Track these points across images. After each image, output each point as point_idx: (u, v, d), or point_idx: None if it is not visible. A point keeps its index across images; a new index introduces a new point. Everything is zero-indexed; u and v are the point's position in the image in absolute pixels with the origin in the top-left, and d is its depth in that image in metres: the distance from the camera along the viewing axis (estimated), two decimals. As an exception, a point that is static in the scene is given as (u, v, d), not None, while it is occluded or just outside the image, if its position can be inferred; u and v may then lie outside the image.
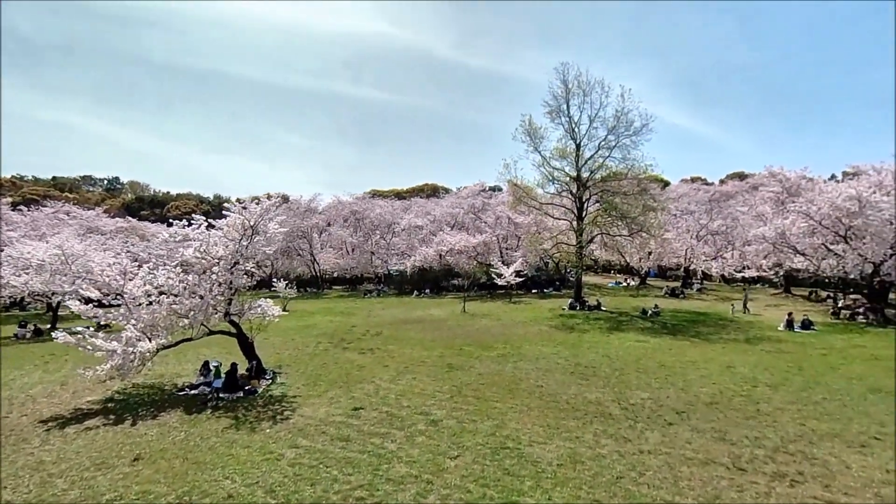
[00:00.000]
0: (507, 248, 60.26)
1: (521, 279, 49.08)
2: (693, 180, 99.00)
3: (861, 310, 32.87)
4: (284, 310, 41.27)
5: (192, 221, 19.02)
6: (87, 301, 18.28)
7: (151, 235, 61.24)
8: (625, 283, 61.33)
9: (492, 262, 51.57)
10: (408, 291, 57.58)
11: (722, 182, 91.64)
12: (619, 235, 40.99)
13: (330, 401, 15.75)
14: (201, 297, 17.61)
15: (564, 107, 38.95)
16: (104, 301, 18.40)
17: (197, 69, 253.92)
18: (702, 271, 54.89)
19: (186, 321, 17.39)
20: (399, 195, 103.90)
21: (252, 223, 18.84)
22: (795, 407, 14.37)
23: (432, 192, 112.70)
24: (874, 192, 30.98)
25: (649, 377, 18.06)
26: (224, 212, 19.45)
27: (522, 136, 40.48)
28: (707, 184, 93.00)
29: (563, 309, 38.48)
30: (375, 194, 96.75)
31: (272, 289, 47.34)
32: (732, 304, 37.28)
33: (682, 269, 59.09)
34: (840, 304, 36.77)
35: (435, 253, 57.41)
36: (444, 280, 58.04)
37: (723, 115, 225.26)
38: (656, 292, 50.78)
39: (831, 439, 11.76)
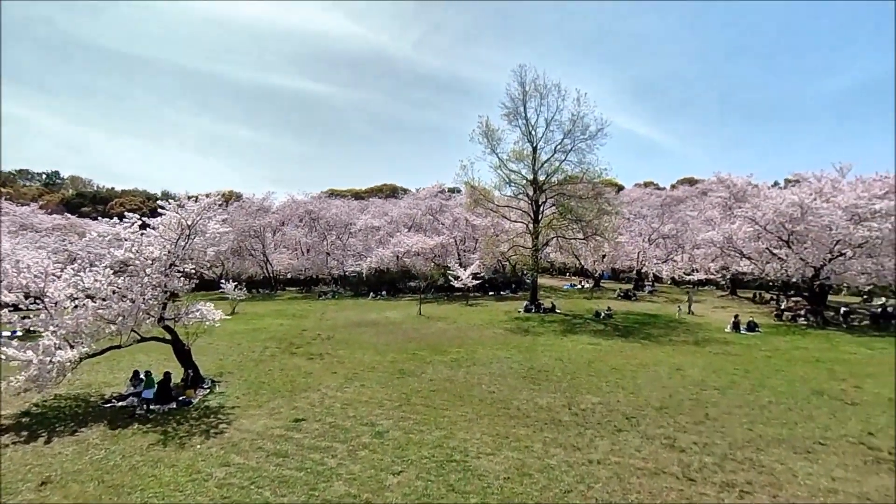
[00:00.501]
0: (464, 250, 59.93)
1: (477, 281, 48.85)
2: (646, 185, 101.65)
3: (802, 312, 34.10)
4: (233, 312, 40.10)
5: (125, 219, 17.72)
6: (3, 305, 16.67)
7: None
8: (580, 286, 62.09)
9: (449, 264, 51.14)
10: (364, 293, 56.49)
11: (673, 187, 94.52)
12: (574, 238, 41.29)
13: (270, 412, 14.82)
14: (132, 301, 16.31)
15: (521, 109, 38.94)
16: (21, 305, 16.83)
17: (147, 61, 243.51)
18: (653, 274, 56.11)
19: (114, 327, 16.05)
20: (357, 195, 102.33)
21: (189, 222, 17.66)
22: (743, 411, 14.43)
23: (391, 192, 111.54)
24: (815, 199, 32.22)
25: (600, 381, 17.93)
26: (160, 210, 18.22)
27: (480, 138, 40.25)
28: (659, 189, 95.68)
29: (519, 311, 38.42)
30: (333, 193, 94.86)
31: (220, 290, 45.54)
32: (679, 307, 38.19)
33: (634, 272, 60.30)
34: (783, 307, 38.09)
35: (392, 254, 56.58)
36: (401, 282, 57.25)
37: (675, 123, 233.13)
38: (610, 294, 51.56)
39: (778, 445, 11.76)
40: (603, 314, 34.83)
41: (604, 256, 55.56)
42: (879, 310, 32.93)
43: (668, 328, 30.39)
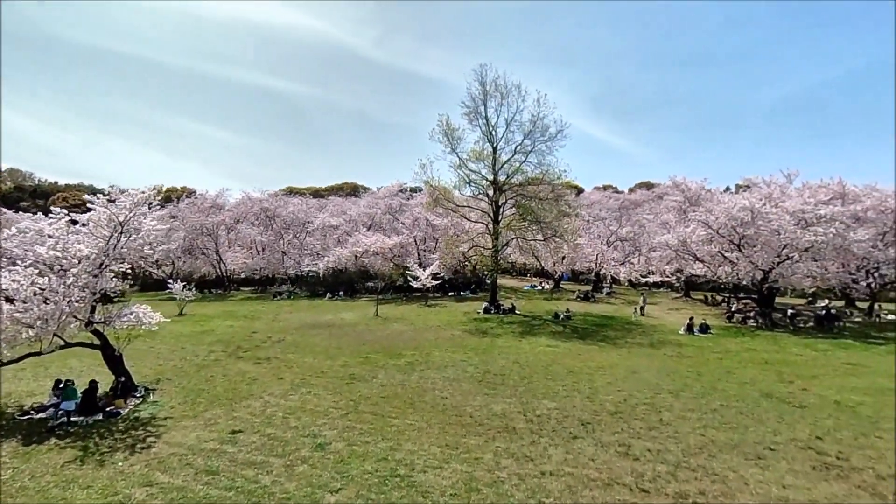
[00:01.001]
0: (424, 250, 59.16)
1: (437, 282, 48.24)
2: (605, 188, 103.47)
3: (752, 314, 34.94)
4: (181, 313, 38.23)
5: (51, 214, 16.35)
6: None
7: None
8: (540, 287, 62.24)
9: (408, 265, 50.32)
10: (321, 293, 54.97)
11: (631, 190, 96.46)
12: (535, 240, 41.16)
13: (206, 423, 13.79)
14: (55, 304, 14.92)
15: (482, 109, 38.34)
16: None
17: (99, 50, 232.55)
18: (611, 276, 56.82)
19: (32, 332, 14.63)
20: (317, 193, 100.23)
21: (122, 219, 16.36)
22: (695, 415, 14.33)
23: (352, 190, 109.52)
24: (764, 204, 33.07)
25: (557, 385, 17.62)
26: (89, 205, 16.87)
27: (440, 137, 39.59)
28: (617, 192, 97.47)
29: (478, 312, 37.99)
30: (292, 191, 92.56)
31: (169, 290, 43.46)
32: (635, 308, 38.90)
33: (593, 274, 60.92)
34: (733, 308, 39.01)
35: (350, 254, 55.27)
36: (359, 282, 55.98)
37: (633, 126, 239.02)
38: (569, 296, 51.83)
39: (730, 451, 11.60)
40: (562, 315, 34.83)
41: (563, 258, 55.75)
42: (823, 312, 34.08)
43: (624, 330, 30.56)
